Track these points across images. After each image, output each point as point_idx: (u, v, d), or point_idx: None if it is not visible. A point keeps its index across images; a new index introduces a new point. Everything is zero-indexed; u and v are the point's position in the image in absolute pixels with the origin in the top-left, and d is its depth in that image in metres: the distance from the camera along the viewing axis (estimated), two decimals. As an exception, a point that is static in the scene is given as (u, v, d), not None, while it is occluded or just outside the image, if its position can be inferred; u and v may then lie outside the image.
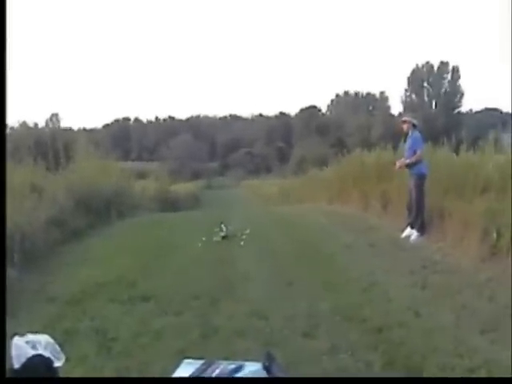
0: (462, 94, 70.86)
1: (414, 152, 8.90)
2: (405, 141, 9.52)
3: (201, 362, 3.52)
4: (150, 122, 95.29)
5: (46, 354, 3.60)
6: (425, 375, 3.73)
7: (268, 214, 15.53)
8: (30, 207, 9.02)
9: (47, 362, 3.58)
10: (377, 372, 3.82)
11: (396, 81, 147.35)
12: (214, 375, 3.31)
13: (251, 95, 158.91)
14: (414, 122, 9.20)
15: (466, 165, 9.38)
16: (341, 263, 7.67)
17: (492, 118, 57.51)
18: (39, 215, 9.19)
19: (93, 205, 12.60)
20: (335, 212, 13.53)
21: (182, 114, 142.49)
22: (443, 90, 71.24)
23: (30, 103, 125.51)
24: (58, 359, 3.67)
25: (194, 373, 3.37)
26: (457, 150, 11.36)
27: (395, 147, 12.66)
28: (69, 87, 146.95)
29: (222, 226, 10.36)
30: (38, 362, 3.53)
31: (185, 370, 3.44)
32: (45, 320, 5.30)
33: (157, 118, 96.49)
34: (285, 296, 5.94)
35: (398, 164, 9.36)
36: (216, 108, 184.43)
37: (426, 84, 71.40)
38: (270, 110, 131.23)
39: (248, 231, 10.38)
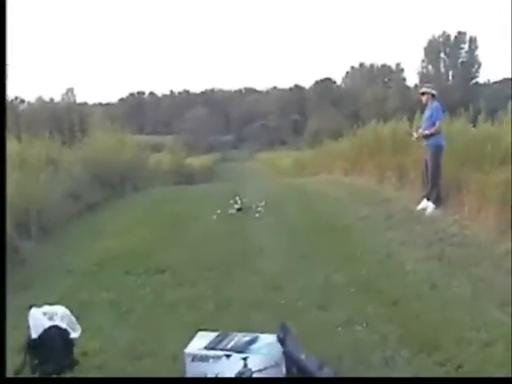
0: (480, 65, 69.63)
1: (433, 123, 8.75)
2: (422, 112, 9.35)
3: (215, 333, 3.53)
4: (164, 96, 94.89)
5: (63, 325, 3.66)
6: (441, 349, 3.70)
7: (283, 186, 15.47)
8: (46, 180, 9.06)
9: (64, 333, 3.65)
10: (395, 347, 3.80)
11: (412, 52, 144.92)
12: (229, 347, 3.33)
13: (266, 68, 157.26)
14: (433, 92, 9.02)
15: (484, 136, 9.20)
16: (356, 235, 7.63)
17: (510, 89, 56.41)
18: (55, 188, 9.25)
19: (108, 178, 12.67)
20: (350, 184, 13.44)
21: (196, 88, 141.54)
22: (460, 60, 70.03)
23: (46, 78, 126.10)
24: (75, 330, 3.74)
25: (208, 344, 3.39)
26: (474, 122, 11.16)
27: (411, 119, 12.47)
28: (84, 62, 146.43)
29: (237, 198, 10.34)
30: (55, 333, 3.61)
31: (199, 341, 3.45)
32: (61, 292, 5.35)
33: (171, 92, 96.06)
34: (300, 268, 5.93)
35: (415, 134, 9.26)
36: (231, 81, 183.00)
37: (442, 55, 70.16)
38: (285, 83, 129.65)
39: (263, 203, 10.33)
